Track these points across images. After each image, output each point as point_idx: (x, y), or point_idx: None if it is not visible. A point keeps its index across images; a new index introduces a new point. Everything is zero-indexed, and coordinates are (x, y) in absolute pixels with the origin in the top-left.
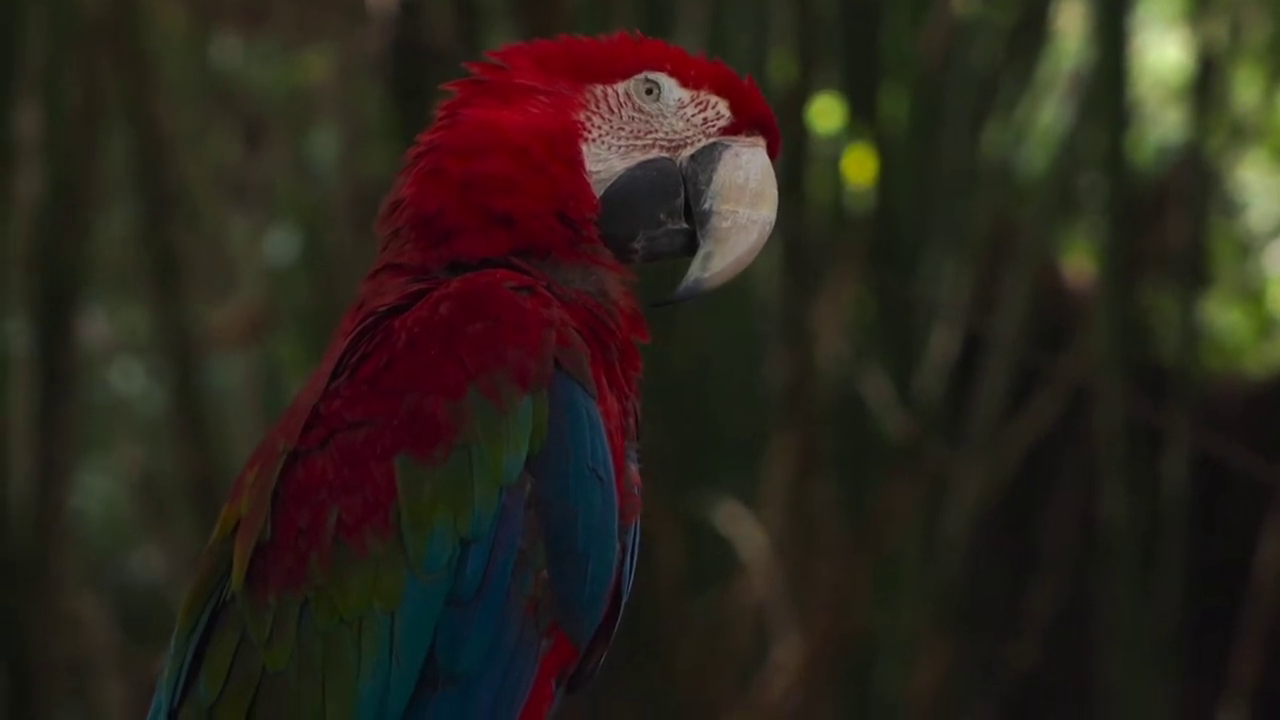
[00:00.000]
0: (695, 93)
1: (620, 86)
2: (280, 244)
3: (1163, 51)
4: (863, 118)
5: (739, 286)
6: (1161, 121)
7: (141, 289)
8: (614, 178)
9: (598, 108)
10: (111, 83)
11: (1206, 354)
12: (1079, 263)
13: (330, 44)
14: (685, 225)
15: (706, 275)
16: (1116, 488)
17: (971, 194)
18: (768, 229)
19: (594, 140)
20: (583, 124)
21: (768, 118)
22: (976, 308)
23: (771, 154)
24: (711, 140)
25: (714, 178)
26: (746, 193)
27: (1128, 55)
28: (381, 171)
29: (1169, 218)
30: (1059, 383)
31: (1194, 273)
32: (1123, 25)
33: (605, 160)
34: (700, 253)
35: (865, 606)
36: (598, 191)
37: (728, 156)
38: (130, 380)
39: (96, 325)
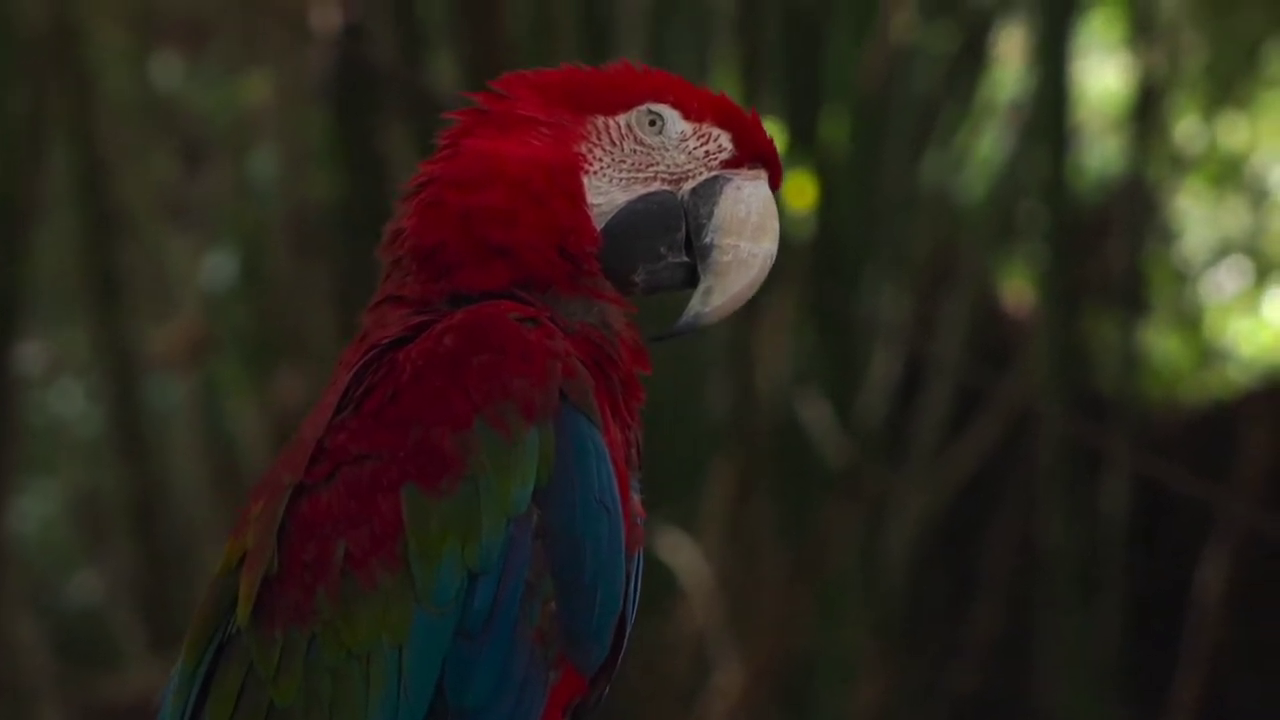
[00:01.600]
0: (698, 125)
1: (622, 118)
2: (219, 265)
3: (1102, 79)
4: (804, 143)
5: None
6: (1101, 149)
7: (81, 309)
8: (615, 210)
9: (599, 139)
10: (52, 102)
11: (1144, 381)
12: (1018, 288)
13: (272, 66)
14: (686, 259)
15: (707, 309)
16: (1057, 512)
17: (912, 219)
18: (769, 263)
19: (595, 173)
20: (584, 156)
21: (770, 151)
22: (917, 332)
23: (773, 187)
24: (713, 173)
25: (715, 211)
26: (748, 227)
27: (1067, 82)
28: (322, 194)
29: (1107, 245)
30: (999, 407)
31: (1132, 300)
32: (1063, 52)
33: (606, 193)
34: (701, 287)
35: (806, 630)
36: (598, 224)
37: (729, 190)
38: (69, 401)
39: (35, 347)
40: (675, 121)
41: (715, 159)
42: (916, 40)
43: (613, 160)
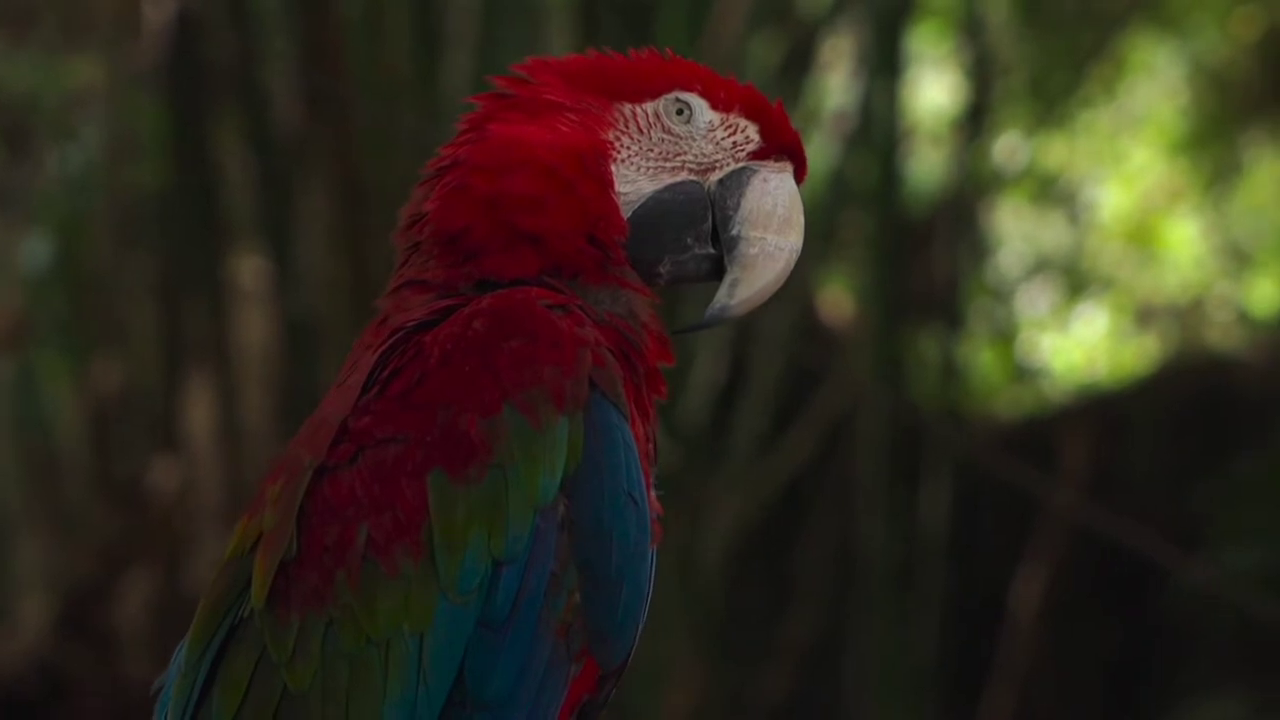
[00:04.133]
0: (725, 115)
1: (650, 106)
2: (37, 251)
3: (927, 93)
4: None
5: None
6: (924, 162)
7: None
8: (642, 200)
9: (626, 127)
10: None
11: (961, 395)
12: (836, 298)
13: (99, 53)
14: (712, 250)
15: (733, 302)
16: (874, 521)
17: None
18: (794, 257)
19: (622, 161)
20: (612, 143)
21: (797, 144)
22: (739, 338)
23: (798, 180)
24: (740, 165)
25: (742, 203)
26: (775, 220)
27: (896, 93)
28: (148, 182)
29: (928, 258)
30: (818, 415)
31: (951, 313)
32: (891, 63)
33: (633, 181)
34: (727, 279)
35: None
36: (625, 213)
37: (756, 182)
38: None
39: None
40: (703, 111)
41: (743, 150)
42: (745, 48)
43: (640, 148)
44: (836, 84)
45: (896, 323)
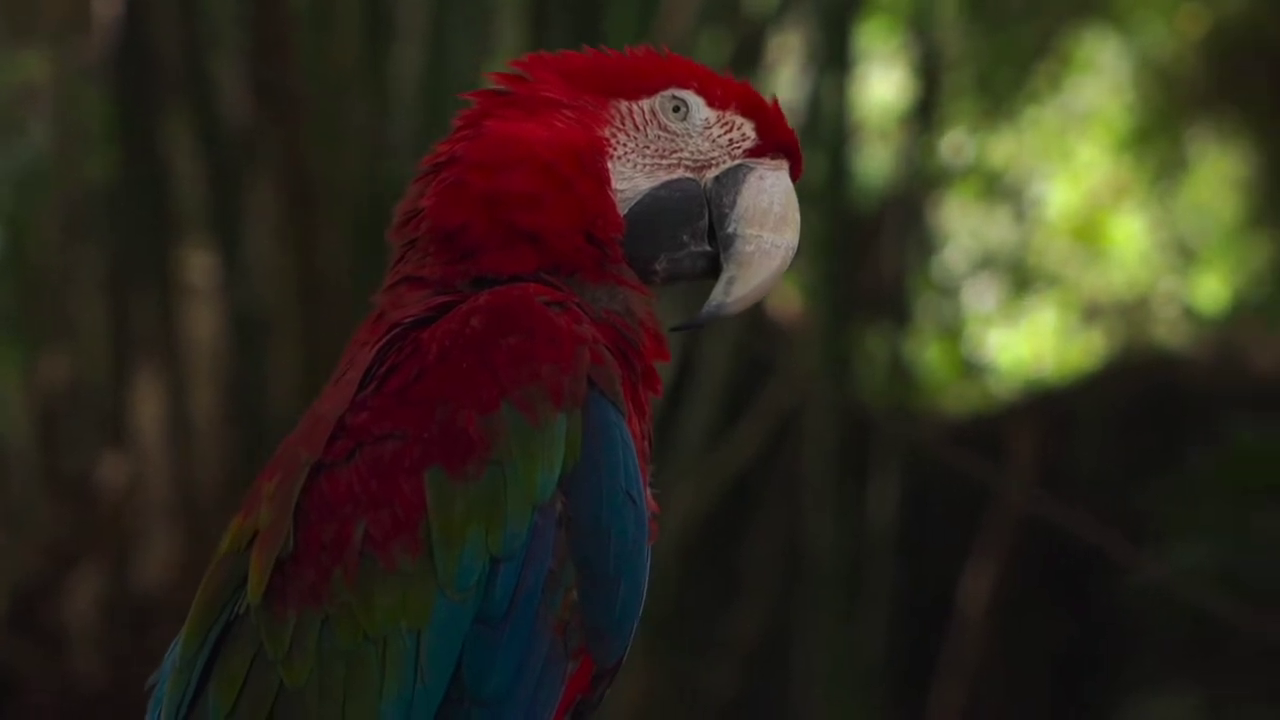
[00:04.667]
0: (721, 112)
1: (646, 103)
2: None
3: (875, 89)
4: None
5: None
6: (871, 158)
7: None
8: (638, 197)
9: (623, 124)
10: None
11: (909, 391)
12: (784, 293)
13: (48, 46)
14: (708, 248)
15: (730, 300)
16: (823, 517)
17: None
18: (790, 255)
19: (619, 158)
20: (608, 141)
21: (793, 142)
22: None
23: (794, 178)
24: (737, 162)
25: (739, 201)
26: (771, 217)
27: (845, 89)
28: (97, 176)
29: (876, 254)
30: (766, 411)
31: (899, 310)
32: (840, 59)
33: (630, 179)
34: (724, 277)
35: None
36: (622, 211)
37: (752, 180)
38: None
39: None
40: (699, 108)
41: (739, 148)
42: (694, 43)
43: (636, 145)
44: (785, 80)
45: (845, 318)
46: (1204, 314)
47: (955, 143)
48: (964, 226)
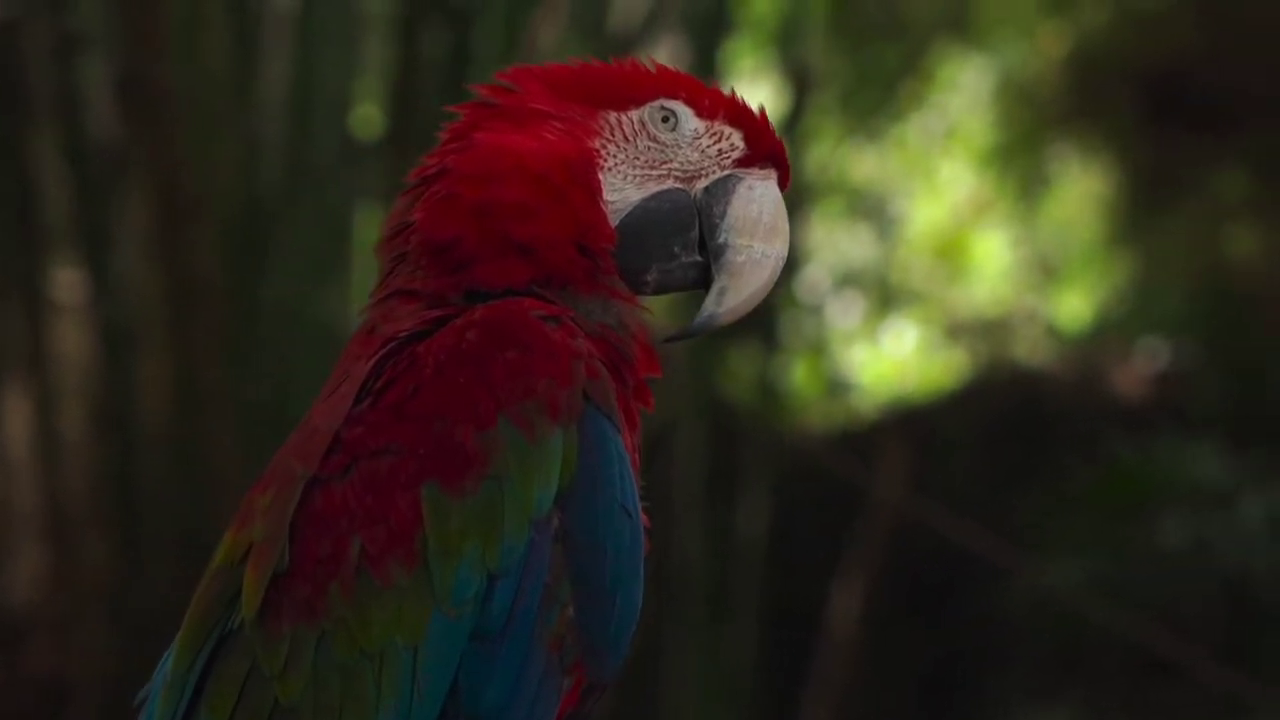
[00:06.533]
0: (710, 123)
1: (635, 114)
2: None
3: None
4: None
5: (324, 315)
6: None
7: None
8: (629, 208)
9: (613, 136)
10: None
11: (776, 408)
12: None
13: None
14: (699, 258)
15: (721, 310)
16: (692, 533)
17: None
18: (780, 264)
19: (609, 169)
20: (598, 152)
21: (781, 151)
22: None
23: (782, 187)
24: (726, 172)
25: (728, 211)
26: (761, 227)
27: None
28: None
29: None
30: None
31: (764, 327)
32: (709, 74)
33: (621, 190)
34: (715, 287)
35: None
36: (613, 222)
37: (742, 190)
38: None
39: None
40: (688, 119)
41: (728, 158)
42: (561, 58)
43: (626, 157)
44: None
45: (711, 335)
46: (1066, 331)
47: (819, 159)
48: (828, 243)
